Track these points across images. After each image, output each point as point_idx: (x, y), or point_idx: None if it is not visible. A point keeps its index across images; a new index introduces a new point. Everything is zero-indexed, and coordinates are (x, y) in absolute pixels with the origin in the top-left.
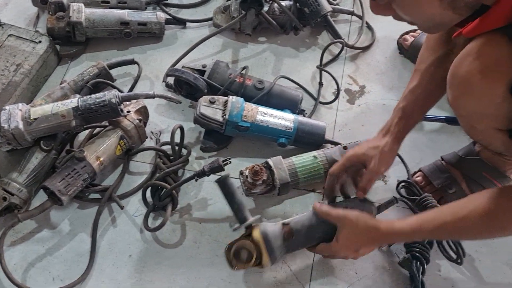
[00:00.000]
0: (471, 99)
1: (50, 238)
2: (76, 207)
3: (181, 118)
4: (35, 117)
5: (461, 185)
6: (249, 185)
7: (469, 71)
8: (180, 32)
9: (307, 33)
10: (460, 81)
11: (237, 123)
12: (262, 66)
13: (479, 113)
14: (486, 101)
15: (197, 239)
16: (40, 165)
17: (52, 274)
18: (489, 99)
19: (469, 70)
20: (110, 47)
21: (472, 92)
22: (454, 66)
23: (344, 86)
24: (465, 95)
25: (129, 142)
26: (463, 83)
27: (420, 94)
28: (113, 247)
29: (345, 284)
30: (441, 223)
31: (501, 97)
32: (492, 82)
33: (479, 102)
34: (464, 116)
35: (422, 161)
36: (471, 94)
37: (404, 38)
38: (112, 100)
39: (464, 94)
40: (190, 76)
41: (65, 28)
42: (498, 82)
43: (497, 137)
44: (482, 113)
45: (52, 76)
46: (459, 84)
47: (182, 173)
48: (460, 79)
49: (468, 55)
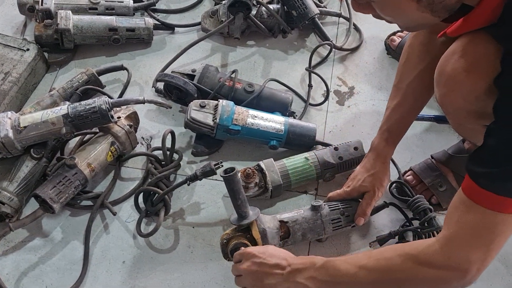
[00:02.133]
0: (458, 96)
1: (43, 247)
2: (68, 214)
3: (172, 123)
4: (24, 125)
5: (452, 183)
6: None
7: (455, 68)
8: (168, 37)
9: (295, 36)
10: (446, 78)
11: (228, 126)
12: (251, 70)
13: (465, 110)
14: (472, 97)
15: (190, 243)
16: (30, 173)
17: (45, 283)
18: (475, 95)
19: (455, 68)
20: (99, 54)
21: (458, 89)
22: (441, 65)
23: (333, 87)
24: (452, 92)
25: (120, 148)
26: (449, 80)
27: (404, 112)
28: (106, 254)
29: None
30: (353, 256)
31: (486, 92)
32: (477, 78)
33: (465, 99)
34: (452, 113)
35: (412, 160)
36: (457, 91)
37: (392, 38)
38: (102, 106)
39: (450, 91)
40: (180, 81)
41: (53, 35)
42: (482, 78)
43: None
44: (469, 109)
45: (40, 83)
46: (445, 82)
47: (174, 178)
48: (447, 76)
49: (453, 53)
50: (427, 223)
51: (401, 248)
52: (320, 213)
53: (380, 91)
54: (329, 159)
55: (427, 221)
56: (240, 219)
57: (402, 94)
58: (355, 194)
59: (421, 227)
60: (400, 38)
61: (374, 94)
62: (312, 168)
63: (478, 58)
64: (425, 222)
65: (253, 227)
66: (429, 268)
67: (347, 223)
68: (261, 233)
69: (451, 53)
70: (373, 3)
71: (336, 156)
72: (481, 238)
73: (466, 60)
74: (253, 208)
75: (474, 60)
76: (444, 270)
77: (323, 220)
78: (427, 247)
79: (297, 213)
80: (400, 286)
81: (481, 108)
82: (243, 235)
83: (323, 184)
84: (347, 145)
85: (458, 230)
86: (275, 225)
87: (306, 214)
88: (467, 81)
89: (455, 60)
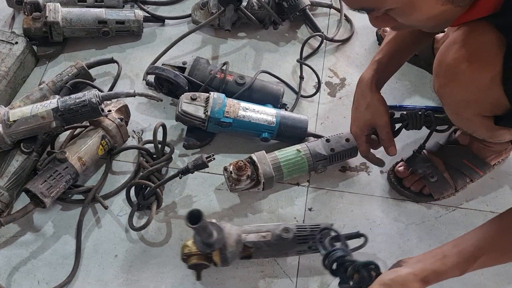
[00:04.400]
0: (458, 87)
1: (34, 241)
2: (59, 209)
3: (163, 116)
4: (14, 119)
5: (443, 173)
6: (234, 180)
7: (456, 58)
8: (158, 29)
9: (286, 28)
10: (446, 68)
11: (219, 119)
12: (242, 62)
13: (465, 100)
14: (473, 88)
15: (183, 236)
16: (21, 167)
17: (37, 278)
18: (476, 85)
19: (456, 58)
20: (88, 47)
21: (459, 79)
22: (440, 54)
23: (324, 79)
24: (452, 82)
25: (111, 141)
26: (449, 70)
27: (398, 45)
28: (98, 248)
29: None
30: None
31: (488, 83)
32: (479, 68)
33: (466, 89)
34: (451, 104)
35: (404, 151)
36: (458, 81)
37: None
38: (92, 99)
39: (451, 81)
40: (170, 74)
41: (42, 28)
42: (484, 68)
43: (482, 124)
44: (469, 100)
45: (30, 77)
46: (445, 72)
47: (166, 171)
48: (447, 66)
49: (454, 43)
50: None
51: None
52: (287, 243)
53: None
54: (321, 151)
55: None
56: (204, 247)
57: (395, 33)
58: (369, 127)
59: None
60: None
61: None
62: (304, 160)
63: (480, 48)
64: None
65: (214, 253)
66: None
67: (312, 251)
68: (221, 259)
69: (451, 42)
70: (391, 12)
71: (328, 148)
72: None
73: (467, 50)
74: (217, 227)
75: (476, 49)
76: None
77: (287, 252)
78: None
79: (264, 236)
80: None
81: (481, 98)
82: (204, 259)
83: (315, 176)
84: (339, 137)
85: None
86: (237, 247)
87: (273, 240)
88: (469, 71)
89: (456, 50)
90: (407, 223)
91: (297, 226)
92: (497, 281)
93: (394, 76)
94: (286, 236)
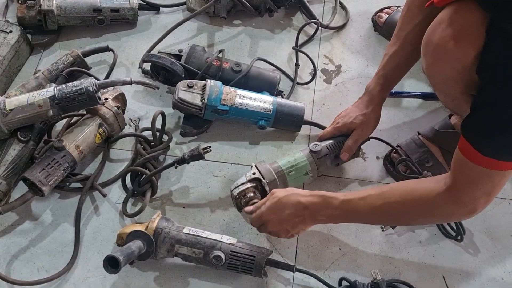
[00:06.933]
0: (445, 65)
1: (33, 230)
2: (58, 197)
3: (159, 104)
4: (10, 108)
5: (438, 158)
6: (242, 206)
7: (443, 37)
8: (154, 17)
9: (281, 15)
10: (434, 48)
11: (216, 106)
12: (238, 49)
13: (453, 79)
14: (460, 66)
15: (181, 223)
16: (18, 156)
17: (36, 265)
18: (462, 64)
19: (443, 37)
20: (83, 35)
21: (446, 58)
22: (428, 34)
23: (320, 66)
24: (439, 61)
25: (108, 129)
26: (436, 49)
27: (402, 59)
28: (97, 236)
29: (330, 260)
30: (366, 196)
31: (473, 61)
32: (465, 46)
33: (452, 68)
34: (439, 83)
35: (399, 137)
36: (445, 60)
37: (379, 15)
38: (89, 88)
39: (438, 60)
40: (167, 61)
41: (36, 16)
42: (470, 46)
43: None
44: (456, 78)
45: (25, 66)
46: (433, 51)
47: (163, 159)
48: (434, 46)
49: (440, 22)
50: None
51: (410, 189)
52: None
53: (367, 68)
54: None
55: None
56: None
57: (400, 42)
58: (345, 130)
59: None
60: (387, 15)
61: (361, 71)
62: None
63: (466, 26)
64: None
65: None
66: (438, 208)
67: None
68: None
69: (438, 22)
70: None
71: (335, 163)
72: (483, 186)
73: (453, 29)
74: (149, 238)
75: (462, 28)
76: (452, 208)
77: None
78: (435, 193)
79: (195, 253)
80: (409, 220)
81: (468, 77)
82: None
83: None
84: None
85: (461, 181)
86: (168, 255)
87: (204, 260)
88: (455, 49)
89: (442, 29)
90: None
91: (231, 253)
92: (492, 263)
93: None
94: (215, 263)
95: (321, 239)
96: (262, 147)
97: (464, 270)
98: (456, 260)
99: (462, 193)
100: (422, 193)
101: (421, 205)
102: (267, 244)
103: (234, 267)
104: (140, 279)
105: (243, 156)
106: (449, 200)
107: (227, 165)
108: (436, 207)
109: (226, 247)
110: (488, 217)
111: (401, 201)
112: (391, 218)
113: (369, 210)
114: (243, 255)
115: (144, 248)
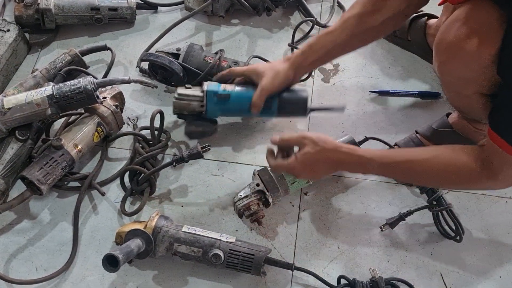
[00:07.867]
0: (459, 64)
1: (31, 229)
2: (56, 196)
3: (158, 103)
4: (9, 107)
5: None
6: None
7: (457, 35)
8: (152, 16)
9: (279, 14)
10: (447, 46)
11: (217, 92)
12: (236, 48)
13: (465, 78)
14: (474, 65)
15: (180, 222)
16: (16, 155)
17: (35, 264)
18: (477, 63)
19: (457, 35)
20: (81, 34)
21: (459, 57)
22: (442, 32)
23: None
24: (453, 59)
25: (107, 128)
26: (450, 47)
27: (331, 39)
28: (95, 234)
29: (328, 258)
30: (404, 161)
31: (489, 60)
32: (480, 46)
33: (466, 67)
34: (451, 81)
35: (397, 136)
36: (459, 58)
37: None
38: (87, 86)
39: (451, 59)
40: (165, 60)
41: (34, 15)
42: (485, 45)
43: (480, 103)
44: (469, 77)
45: (22, 65)
46: (446, 49)
47: (162, 158)
48: (448, 44)
49: (455, 20)
50: (436, 201)
51: (449, 163)
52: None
53: (365, 67)
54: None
55: (435, 199)
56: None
57: (340, 23)
58: (253, 72)
59: (429, 206)
60: None
61: (359, 71)
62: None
63: (482, 26)
64: (434, 201)
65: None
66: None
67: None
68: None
69: (453, 20)
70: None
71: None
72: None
73: (469, 27)
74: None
75: (478, 27)
76: (490, 184)
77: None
78: (474, 172)
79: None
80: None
81: (481, 76)
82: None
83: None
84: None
85: (497, 165)
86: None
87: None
88: (470, 48)
89: (457, 27)
90: (401, 207)
91: (230, 251)
92: (489, 261)
93: (387, 61)
94: (214, 262)
95: (320, 237)
96: (261, 146)
97: (462, 268)
98: (454, 258)
99: (500, 173)
100: (461, 166)
101: (460, 180)
102: (266, 242)
103: (233, 266)
104: (138, 277)
105: (242, 155)
106: (488, 180)
107: (226, 164)
108: (474, 183)
109: (225, 245)
110: (486, 216)
111: (439, 174)
112: (426, 183)
113: (406, 176)
114: (242, 253)
115: (143, 246)
